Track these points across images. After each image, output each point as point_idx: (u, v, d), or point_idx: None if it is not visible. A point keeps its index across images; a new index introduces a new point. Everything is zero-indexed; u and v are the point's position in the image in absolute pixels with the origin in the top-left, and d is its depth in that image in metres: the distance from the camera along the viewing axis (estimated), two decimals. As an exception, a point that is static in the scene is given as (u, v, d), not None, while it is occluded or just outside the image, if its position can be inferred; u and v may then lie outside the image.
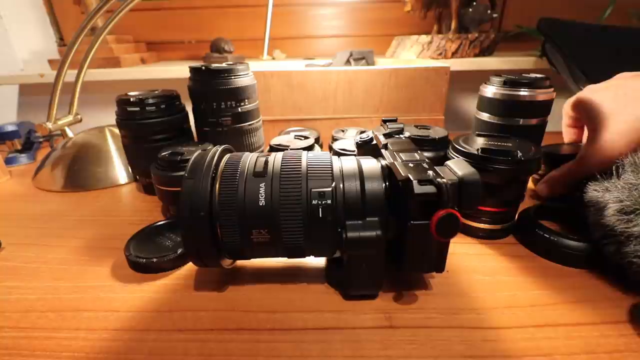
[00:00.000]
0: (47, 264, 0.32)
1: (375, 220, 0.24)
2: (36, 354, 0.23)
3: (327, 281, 0.28)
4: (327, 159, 0.27)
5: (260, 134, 0.47)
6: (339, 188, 0.25)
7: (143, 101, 0.41)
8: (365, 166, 0.26)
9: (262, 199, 0.24)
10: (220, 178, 0.25)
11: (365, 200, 0.24)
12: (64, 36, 0.94)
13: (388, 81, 0.57)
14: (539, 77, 0.37)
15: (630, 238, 0.25)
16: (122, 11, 0.52)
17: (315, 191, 0.24)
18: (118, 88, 0.56)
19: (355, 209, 0.24)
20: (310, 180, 0.25)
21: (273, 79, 0.58)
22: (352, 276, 0.25)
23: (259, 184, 0.25)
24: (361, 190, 0.24)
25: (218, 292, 0.28)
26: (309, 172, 0.25)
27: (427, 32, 0.80)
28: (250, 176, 0.25)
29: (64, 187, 0.48)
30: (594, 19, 0.72)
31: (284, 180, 0.25)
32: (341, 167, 0.26)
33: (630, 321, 0.24)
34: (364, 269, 0.25)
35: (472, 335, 0.23)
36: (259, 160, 0.26)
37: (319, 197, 0.24)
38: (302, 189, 0.24)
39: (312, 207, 0.24)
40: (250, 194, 0.24)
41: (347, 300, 0.27)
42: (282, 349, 0.22)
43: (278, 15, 0.86)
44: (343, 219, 0.24)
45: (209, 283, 0.29)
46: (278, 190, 0.24)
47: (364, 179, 0.25)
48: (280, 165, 0.25)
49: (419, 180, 0.21)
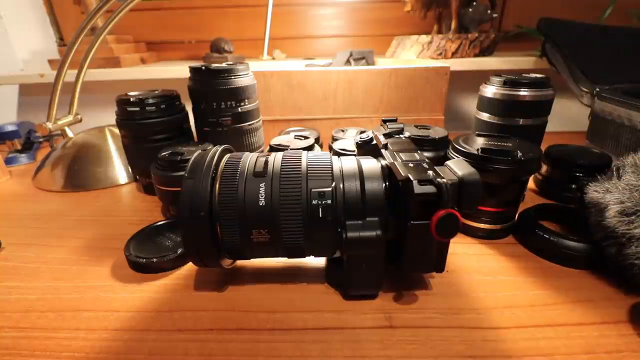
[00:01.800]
0: (47, 264, 0.32)
1: (375, 220, 0.24)
2: (36, 354, 0.23)
3: (327, 281, 0.28)
4: (327, 159, 0.27)
5: (260, 134, 0.47)
6: (339, 188, 0.25)
7: (143, 101, 0.41)
8: (365, 166, 0.26)
9: (262, 199, 0.24)
10: (220, 178, 0.25)
11: (365, 200, 0.24)
12: (64, 36, 0.94)
13: (388, 81, 0.57)
14: (539, 77, 0.37)
15: (632, 240, 0.25)
16: (122, 11, 0.52)
17: (315, 191, 0.24)
18: (118, 88, 0.56)
19: (355, 209, 0.24)
20: (310, 180, 0.25)
21: (273, 79, 0.58)
22: (352, 276, 0.25)
23: (259, 184, 0.25)
24: (361, 190, 0.24)
25: (218, 292, 0.28)
26: (309, 172, 0.25)
27: (427, 32, 0.80)
28: (250, 176, 0.25)
29: (64, 187, 0.48)
30: (594, 19, 0.72)
31: (284, 180, 0.25)
32: (341, 167, 0.26)
33: (630, 321, 0.24)
34: (364, 269, 0.25)
35: (472, 335, 0.23)
36: (259, 160, 0.26)
37: (319, 197, 0.24)
38: (302, 189, 0.24)
39: (312, 207, 0.24)
40: (250, 194, 0.24)
41: (347, 300, 0.27)
42: (282, 349, 0.22)
43: (278, 15, 0.86)
44: (343, 219, 0.24)
45: (209, 283, 0.29)
46: (278, 190, 0.24)
47: (364, 179, 0.25)
48: (280, 165, 0.26)
49: (419, 180, 0.21)
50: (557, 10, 0.75)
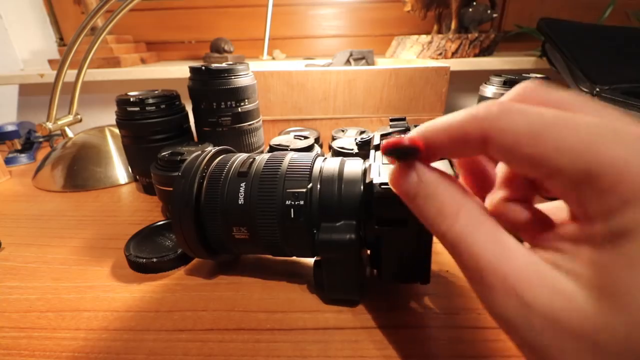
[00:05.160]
0: (47, 264, 0.32)
1: (352, 223, 0.24)
2: (36, 354, 0.23)
3: (315, 283, 0.28)
4: (308, 160, 0.26)
5: (260, 134, 0.47)
6: (315, 189, 0.25)
7: (143, 101, 0.41)
8: (347, 168, 0.26)
9: (241, 198, 0.25)
10: (208, 177, 0.27)
11: (341, 202, 0.24)
12: (64, 36, 0.94)
13: (388, 81, 0.57)
14: (539, 77, 0.37)
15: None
16: (122, 11, 0.52)
17: (289, 192, 0.24)
18: (118, 88, 0.56)
19: (330, 211, 0.24)
20: (287, 181, 0.25)
21: (273, 79, 0.58)
22: (329, 279, 0.25)
23: (240, 183, 0.26)
24: (338, 192, 0.24)
25: (218, 292, 0.28)
26: (287, 173, 0.25)
27: (427, 32, 0.80)
28: (234, 176, 0.26)
29: (64, 187, 0.48)
30: (594, 19, 0.72)
31: (262, 181, 0.25)
32: (321, 169, 0.26)
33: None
34: (340, 273, 0.24)
35: (472, 335, 0.23)
36: (245, 160, 0.27)
37: (293, 198, 0.24)
38: (278, 189, 0.25)
39: (285, 207, 0.24)
40: (231, 193, 0.26)
41: (326, 304, 0.26)
42: (282, 349, 0.22)
43: (278, 15, 0.86)
44: (318, 220, 0.24)
45: (209, 283, 0.29)
46: (257, 190, 0.25)
47: (342, 181, 0.25)
48: (262, 166, 0.26)
49: (381, 183, 0.20)
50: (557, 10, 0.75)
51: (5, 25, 0.89)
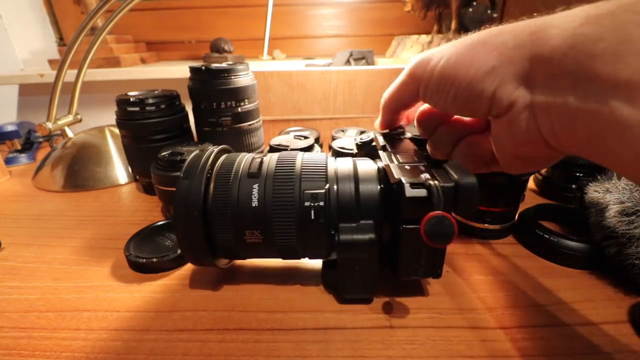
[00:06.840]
0: (47, 264, 0.32)
1: (370, 223, 0.24)
2: (36, 354, 0.23)
3: (323, 284, 0.28)
4: (322, 160, 0.26)
5: (260, 134, 0.47)
6: (333, 190, 0.24)
7: (143, 101, 0.41)
8: (361, 168, 0.26)
9: (255, 200, 0.24)
10: (215, 178, 0.25)
11: (359, 202, 0.24)
12: (64, 36, 0.94)
13: (388, 81, 0.57)
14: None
15: (632, 240, 0.24)
16: (122, 11, 0.52)
17: (307, 193, 0.24)
18: (118, 88, 0.56)
19: (349, 212, 0.24)
20: (304, 181, 0.24)
21: (273, 79, 0.58)
22: (345, 280, 0.25)
23: (253, 184, 0.24)
24: (355, 192, 0.24)
25: (218, 292, 0.28)
26: (303, 173, 0.25)
27: (427, 32, 0.80)
28: (244, 177, 0.25)
29: (64, 187, 0.48)
30: (594, 19, 0.72)
31: (277, 181, 0.24)
32: (336, 169, 0.26)
33: (630, 321, 0.24)
34: (357, 272, 0.24)
35: (472, 335, 0.23)
36: (254, 161, 0.26)
37: (312, 199, 0.24)
38: (295, 190, 0.24)
39: (305, 208, 0.24)
40: (243, 195, 0.24)
41: (342, 304, 0.26)
42: (282, 349, 0.22)
43: (278, 15, 0.86)
44: (337, 221, 0.24)
45: (209, 283, 0.29)
46: (271, 191, 0.24)
47: (359, 181, 0.24)
48: (274, 166, 0.25)
49: (411, 183, 0.20)
50: (557, 10, 0.75)
51: (5, 25, 0.89)
